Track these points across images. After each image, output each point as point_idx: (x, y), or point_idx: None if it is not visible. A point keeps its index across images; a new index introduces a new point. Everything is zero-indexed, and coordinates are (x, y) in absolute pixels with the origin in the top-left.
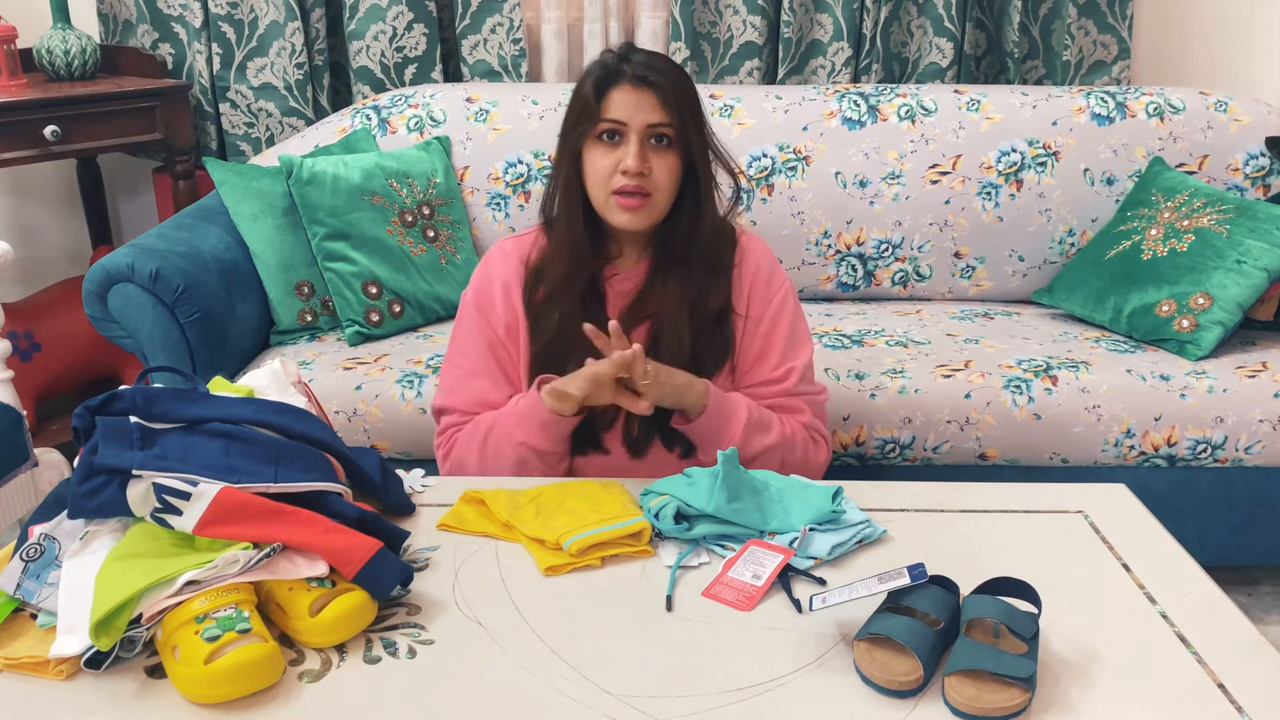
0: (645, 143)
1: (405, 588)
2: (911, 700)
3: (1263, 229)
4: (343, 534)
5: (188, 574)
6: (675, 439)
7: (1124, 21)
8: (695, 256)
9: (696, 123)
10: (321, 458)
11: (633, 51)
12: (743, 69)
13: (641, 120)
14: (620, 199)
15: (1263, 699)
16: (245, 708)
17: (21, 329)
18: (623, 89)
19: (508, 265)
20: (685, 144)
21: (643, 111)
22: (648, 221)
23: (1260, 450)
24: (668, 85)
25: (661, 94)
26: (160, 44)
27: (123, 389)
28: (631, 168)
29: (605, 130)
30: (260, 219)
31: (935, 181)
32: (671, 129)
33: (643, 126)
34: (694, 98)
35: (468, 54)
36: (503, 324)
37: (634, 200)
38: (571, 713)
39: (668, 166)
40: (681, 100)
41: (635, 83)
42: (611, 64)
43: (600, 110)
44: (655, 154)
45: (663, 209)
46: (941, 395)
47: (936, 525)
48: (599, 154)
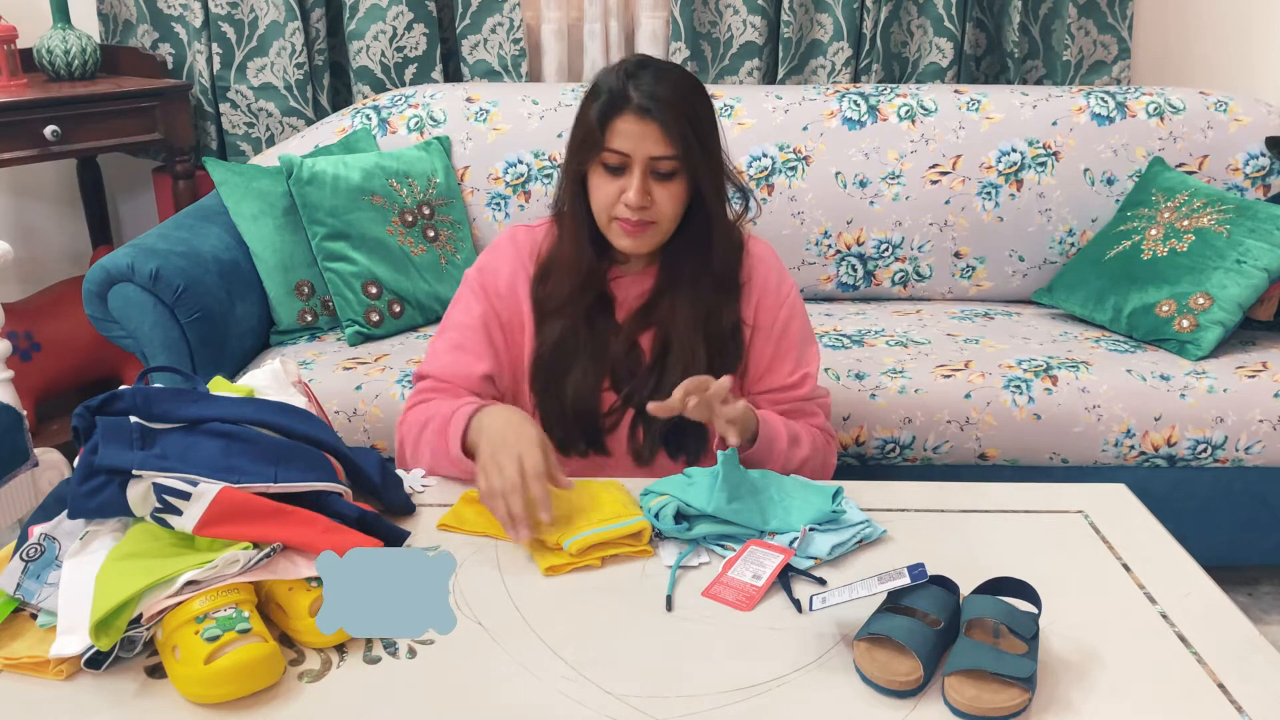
0: (649, 174)
1: None
2: (911, 700)
3: (1263, 229)
4: (343, 534)
5: (188, 574)
6: (681, 448)
7: (1124, 21)
8: (705, 275)
9: (704, 149)
10: (321, 458)
11: (641, 71)
12: (743, 69)
13: (644, 153)
14: (623, 224)
15: (1263, 699)
16: (245, 708)
17: (21, 329)
18: (626, 119)
19: (519, 259)
20: (691, 173)
21: (646, 144)
22: (651, 246)
23: (1260, 450)
24: (672, 116)
25: (666, 126)
26: (160, 44)
27: (123, 389)
28: (633, 202)
29: (609, 162)
30: (260, 219)
31: (935, 181)
32: (675, 160)
33: (645, 159)
34: (703, 123)
35: (468, 54)
36: (507, 311)
37: (636, 229)
38: (571, 713)
39: (671, 195)
40: (687, 129)
41: (639, 113)
42: (618, 90)
43: (605, 139)
44: (659, 184)
45: (666, 233)
46: (941, 395)
47: (936, 525)
48: (603, 180)
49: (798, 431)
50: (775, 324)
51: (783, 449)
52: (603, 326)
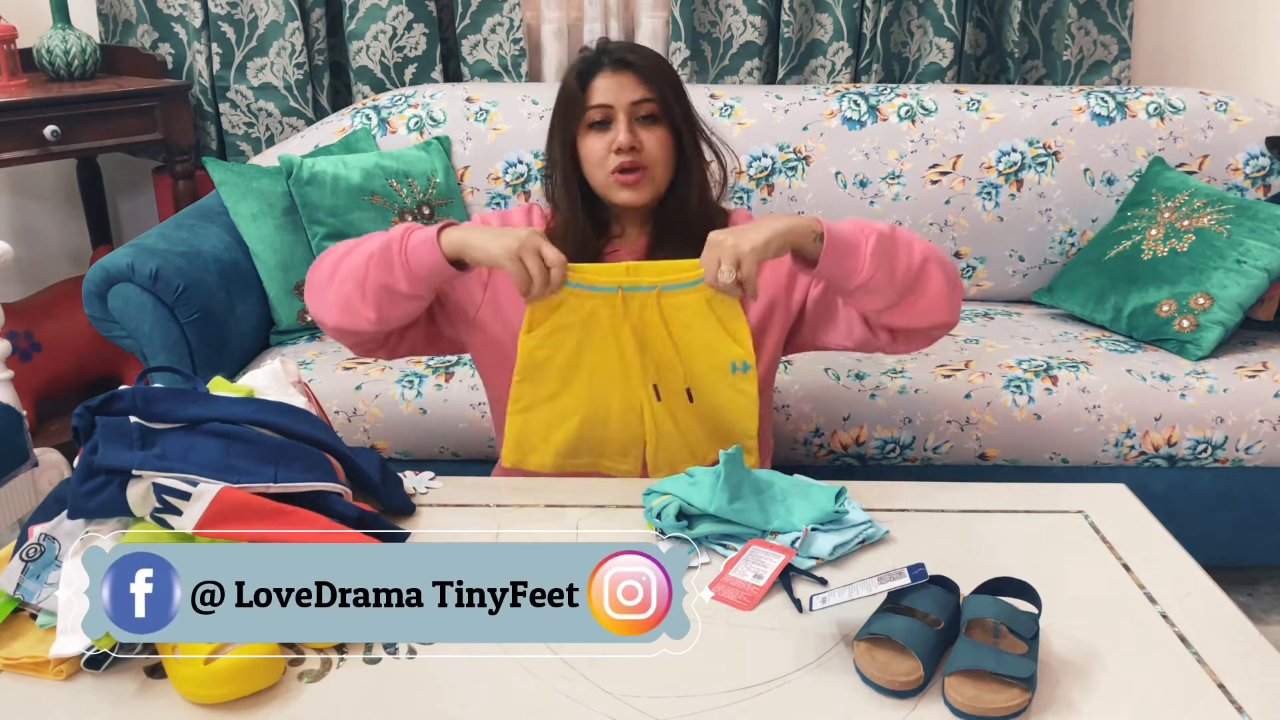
0: (633, 120)
1: None
2: (911, 700)
3: (1263, 229)
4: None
5: None
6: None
7: (1124, 21)
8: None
9: (678, 97)
10: (321, 458)
11: (609, 43)
12: (743, 69)
13: (626, 99)
14: (619, 177)
15: (1263, 699)
16: (245, 708)
17: (21, 329)
18: (604, 75)
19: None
20: (670, 117)
21: (625, 91)
22: (650, 194)
23: (1260, 450)
24: (646, 64)
25: (641, 73)
26: (160, 44)
27: (123, 389)
28: (623, 143)
29: (594, 119)
30: (260, 219)
31: (935, 181)
32: (655, 103)
33: (628, 105)
34: (674, 76)
35: (468, 54)
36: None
37: (632, 176)
38: (571, 713)
39: (658, 139)
40: (661, 77)
41: (615, 67)
42: (590, 56)
43: (586, 99)
44: (644, 129)
45: (661, 181)
46: (941, 395)
47: (936, 525)
48: (592, 140)
49: (902, 232)
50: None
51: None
52: None
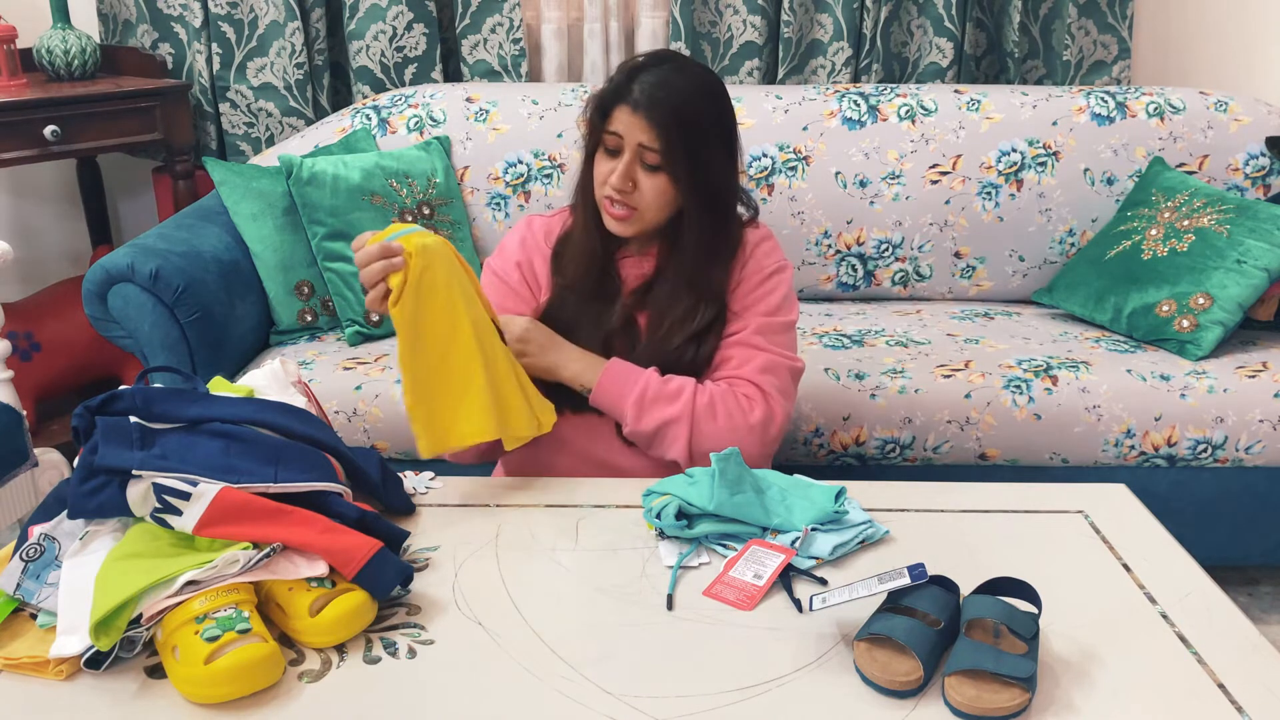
0: (637, 160)
1: (405, 588)
2: (911, 700)
3: (1263, 229)
4: (343, 534)
5: (187, 574)
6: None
7: (1124, 21)
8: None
9: (690, 154)
10: (321, 458)
11: (652, 68)
12: (743, 69)
13: (634, 140)
14: (609, 208)
15: (1263, 699)
16: (245, 708)
17: (21, 329)
18: (623, 109)
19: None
20: (672, 169)
21: (636, 132)
22: (633, 232)
23: (1260, 450)
24: (664, 113)
25: (658, 118)
26: (160, 44)
27: (123, 389)
28: (614, 183)
29: (609, 145)
30: (260, 219)
31: (935, 181)
32: (659, 155)
33: (635, 146)
34: (698, 132)
35: (468, 54)
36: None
37: (620, 211)
38: (571, 713)
39: (655, 188)
40: (675, 133)
41: (632, 107)
42: (622, 83)
43: (605, 123)
44: (645, 174)
45: (649, 224)
46: (941, 395)
47: (936, 525)
48: (601, 160)
49: (675, 391)
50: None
51: (627, 407)
52: (606, 302)
